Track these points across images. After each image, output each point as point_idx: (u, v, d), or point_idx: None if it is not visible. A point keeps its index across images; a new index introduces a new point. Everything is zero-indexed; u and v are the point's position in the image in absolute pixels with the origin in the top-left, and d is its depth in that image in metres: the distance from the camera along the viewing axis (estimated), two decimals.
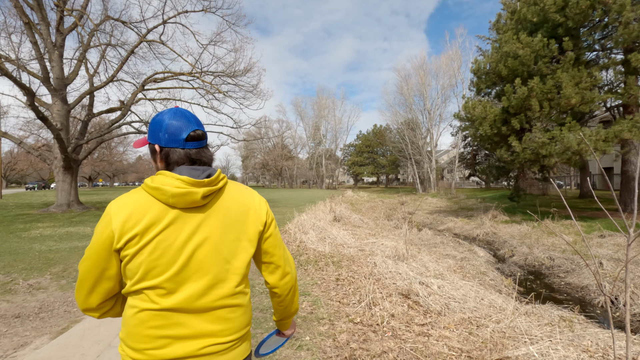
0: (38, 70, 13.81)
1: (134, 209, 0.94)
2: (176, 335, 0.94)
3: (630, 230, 1.82)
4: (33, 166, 51.60)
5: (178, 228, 0.95)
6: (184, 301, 0.95)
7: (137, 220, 0.93)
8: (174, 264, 0.94)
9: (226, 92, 17.39)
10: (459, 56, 37.09)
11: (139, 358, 0.93)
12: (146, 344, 0.93)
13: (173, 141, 1.01)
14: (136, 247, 0.92)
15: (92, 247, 0.95)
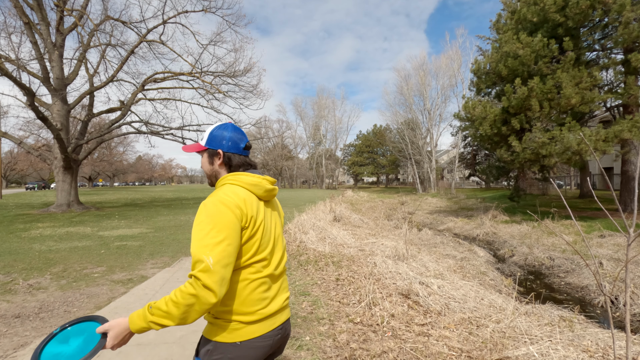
0: (38, 70, 13.81)
1: (245, 198, 1.18)
2: (271, 296, 1.24)
3: (630, 230, 1.82)
4: (33, 166, 51.61)
5: (268, 214, 1.29)
6: (273, 269, 1.25)
7: (251, 206, 1.18)
8: (270, 241, 1.26)
9: (226, 92, 17.40)
10: (459, 56, 37.11)
11: (252, 319, 1.17)
12: (257, 306, 1.18)
13: (234, 148, 1.30)
14: (254, 227, 1.17)
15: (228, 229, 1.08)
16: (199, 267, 1.02)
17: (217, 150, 1.29)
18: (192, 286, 1.02)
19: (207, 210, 1.10)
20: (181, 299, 1.01)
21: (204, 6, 15.81)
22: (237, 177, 1.23)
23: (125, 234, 9.19)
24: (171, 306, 1.01)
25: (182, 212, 15.17)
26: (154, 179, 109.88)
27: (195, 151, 1.34)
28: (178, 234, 9.21)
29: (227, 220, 1.09)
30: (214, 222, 1.07)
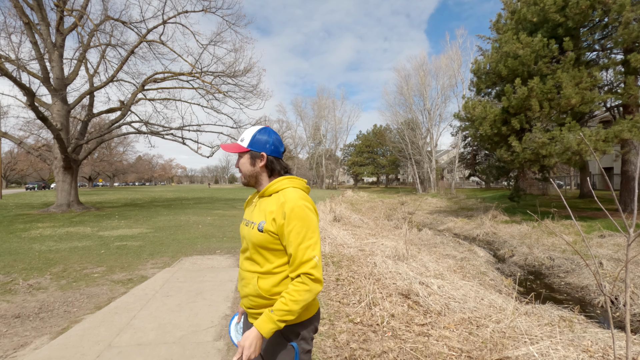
0: (38, 70, 13.81)
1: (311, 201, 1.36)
2: None
3: (630, 230, 1.82)
4: (33, 166, 51.61)
5: None
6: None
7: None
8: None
9: (226, 92, 17.40)
10: (459, 56, 37.11)
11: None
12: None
13: (276, 152, 1.41)
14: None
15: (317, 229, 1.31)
16: (310, 265, 1.22)
17: (261, 153, 1.38)
18: (305, 283, 1.22)
19: (297, 216, 1.25)
20: (299, 297, 1.20)
21: (204, 6, 15.82)
22: (294, 181, 1.39)
23: (125, 234, 9.18)
24: (292, 305, 1.20)
25: (182, 212, 15.17)
26: (154, 179, 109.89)
27: (236, 152, 1.40)
28: (178, 234, 9.21)
29: (315, 222, 1.30)
30: (307, 225, 1.26)
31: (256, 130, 1.40)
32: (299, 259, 1.23)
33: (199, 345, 2.98)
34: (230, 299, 4.15)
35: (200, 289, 4.52)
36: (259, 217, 1.35)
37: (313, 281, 1.22)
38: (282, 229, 1.26)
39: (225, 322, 3.49)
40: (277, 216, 1.27)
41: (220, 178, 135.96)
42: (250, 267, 1.36)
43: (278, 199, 1.31)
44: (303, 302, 1.21)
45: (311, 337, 1.37)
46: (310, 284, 1.22)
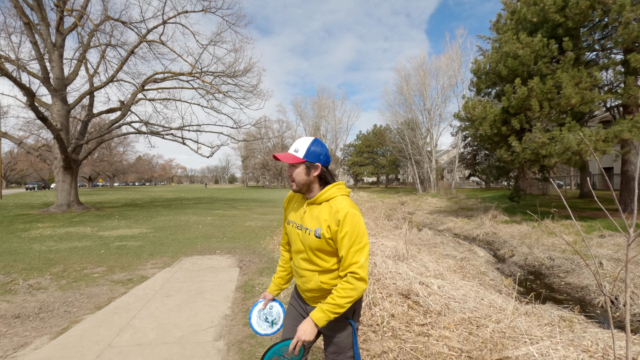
0: (38, 70, 13.81)
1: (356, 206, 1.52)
2: None
3: (630, 230, 1.82)
4: (33, 166, 51.61)
5: None
6: None
7: None
8: None
9: (226, 92, 17.39)
10: (459, 56, 37.09)
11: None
12: None
13: (327, 163, 1.55)
14: None
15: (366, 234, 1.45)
16: (357, 266, 1.41)
17: (316, 164, 1.53)
18: (350, 282, 1.42)
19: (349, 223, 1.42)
20: (345, 294, 1.41)
21: (204, 6, 15.81)
22: (342, 189, 1.56)
23: (125, 234, 9.18)
24: (339, 300, 1.41)
25: (182, 212, 15.18)
26: (154, 179, 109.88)
27: (292, 162, 1.52)
28: (178, 234, 9.21)
29: (362, 227, 1.45)
30: (357, 232, 1.42)
31: (310, 141, 1.53)
32: (349, 261, 1.42)
33: (199, 345, 2.98)
34: (230, 299, 4.15)
35: (200, 289, 4.52)
36: (312, 223, 1.52)
37: (358, 280, 1.41)
38: (336, 235, 1.44)
39: (226, 322, 3.49)
40: (331, 224, 1.45)
41: (220, 178, 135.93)
42: (309, 266, 1.56)
43: (330, 207, 1.48)
44: (349, 298, 1.41)
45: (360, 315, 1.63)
46: (355, 283, 1.41)
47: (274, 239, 8.51)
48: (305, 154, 1.51)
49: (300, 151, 1.52)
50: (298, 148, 1.53)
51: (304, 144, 1.52)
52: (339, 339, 1.55)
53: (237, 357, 2.80)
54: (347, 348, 1.55)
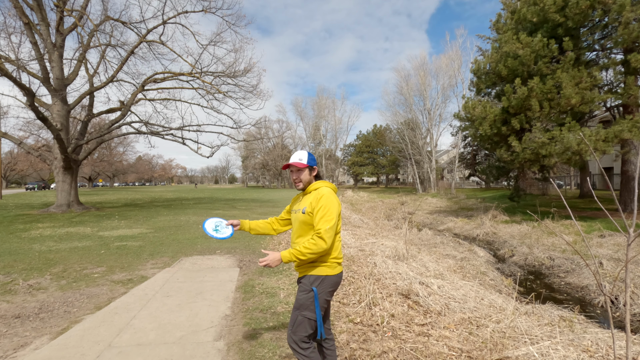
0: (38, 70, 13.80)
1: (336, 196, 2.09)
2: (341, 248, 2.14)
3: (630, 230, 1.82)
4: (33, 166, 51.60)
5: None
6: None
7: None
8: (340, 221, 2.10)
9: (226, 93, 17.38)
10: (459, 56, 37.07)
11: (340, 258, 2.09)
12: (340, 254, 2.11)
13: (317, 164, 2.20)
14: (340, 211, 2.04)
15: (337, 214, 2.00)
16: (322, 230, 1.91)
17: (314, 167, 2.18)
18: (313, 239, 1.94)
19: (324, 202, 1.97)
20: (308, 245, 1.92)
21: (204, 6, 15.80)
22: (328, 184, 2.14)
23: (125, 234, 9.18)
24: (302, 249, 1.92)
25: (182, 212, 15.17)
26: (154, 179, 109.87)
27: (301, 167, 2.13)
28: (178, 234, 9.21)
29: (334, 208, 1.99)
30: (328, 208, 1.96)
31: (307, 152, 2.16)
32: (317, 226, 1.95)
33: (199, 346, 2.98)
34: (231, 299, 4.15)
35: (200, 289, 4.52)
36: (302, 205, 2.10)
37: (319, 238, 1.92)
38: (314, 209, 2.00)
39: (226, 322, 3.49)
40: (313, 202, 2.02)
41: (220, 178, 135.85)
42: (297, 239, 2.12)
43: (317, 193, 2.05)
44: (309, 250, 1.91)
45: (329, 291, 2.04)
46: (317, 240, 1.92)
47: (273, 239, 8.51)
48: (307, 160, 2.14)
49: (304, 159, 2.13)
50: (302, 157, 2.14)
51: (304, 155, 2.15)
52: (300, 298, 2.03)
53: (237, 357, 2.80)
54: (304, 307, 2.01)
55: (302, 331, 2.00)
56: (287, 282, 4.85)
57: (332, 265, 2.03)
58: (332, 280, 2.03)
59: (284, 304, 3.99)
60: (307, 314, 1.99)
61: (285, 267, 5.69)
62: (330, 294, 2.06)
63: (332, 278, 2.03)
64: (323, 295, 2.01)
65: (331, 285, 2.03)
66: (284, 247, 7.40)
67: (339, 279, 2.08)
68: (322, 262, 2.02)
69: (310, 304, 1.99)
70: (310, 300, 1.99)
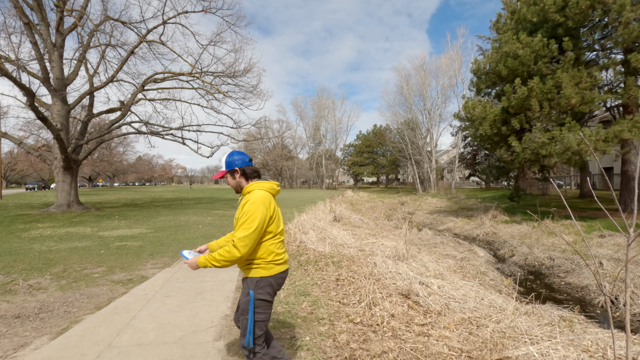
0: (38, 70, 13.80)
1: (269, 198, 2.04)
2: (284, 250, 2.14)
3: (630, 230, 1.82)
4: (33, 166, 51.58)
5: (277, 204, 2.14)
6: (283, 236, 2.15)
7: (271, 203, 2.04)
8: (281, 221, 2.14)
9: (226, 93, 17.38)
10: (459, 56, 37.10)
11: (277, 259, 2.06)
12: (280, 255, 2.08)
13: (244, 163, 2.11)
14: (274, 214, 2.03)
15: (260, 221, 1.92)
16: (237, 238, 1.88)
17: (235, 169, 2.10)
18: (228, 247, 1.91)
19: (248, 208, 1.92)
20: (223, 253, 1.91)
21: (204, 7, 15.80)
22: (262, 185, 2.06)
23: (125, 234, 9.18)
24: (217, 256, 1.91)
25: (182, 212, 15.17)
26: (154, 179, 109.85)
27: (220, 177, 2.14)
28: (178, 234, 9.20)
29: (258, 215, 1.92)
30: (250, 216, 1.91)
31: (225, 156, 2.12)
32: (236, 233, 1.96)
33: (199, 346, 2.98)
34: (230, 299, 4.15)
35: (200, 289, 4.52)
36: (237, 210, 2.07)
37: (233, 247, 1.89)
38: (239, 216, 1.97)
39: (226, 322, 3.49)
40: (241, 208, 2.00)
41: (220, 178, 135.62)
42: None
43: (246, 199, 2.00)
44: (222, 257, 1.90)
45: (267, 291, 2.03)
46: (231, 249, 1.89)
47: None
48: (225, 166, 2.12)
49: (222, 166, 2.13)
50: (222, 164, 2.15)
51: (222, 160, 2.15)
52: (242, 302, 2.09)
53: (237, 357, 2.80)
54: (245, 311, 2.03)
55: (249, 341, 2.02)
56: (287, 282, 4.85)
57: (268, 267, 2.02)
58: (269, 281, 2.03)
59: (284, 304, 3.99)
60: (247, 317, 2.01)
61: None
62: (270, 295, 2.04)
63: (267, 279, 2.03)
64: (261, 296, 2.00)
65: (268, 285, 2.03)
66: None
67: (278, 279, 2.07)
68: (257, 265, 2.02)
69: (247, 307, 2.01)
70: (247, 304, 2.01)
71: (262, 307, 2.01)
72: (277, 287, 2.08)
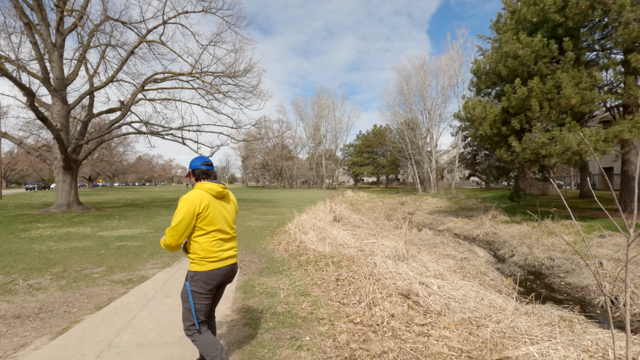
0: (38, 70, 13.80)
1: (202, 197, 2.24)
2: (223, 249, 2.33)
3: (630, 230, 1.82)
4: (33, 166, 51.59)
5: (218, 205, 2.33)
6: (223, 234, 2.33)
7: (203, 201, 2.23)
8: (220, 220, 2.31)
9: (226, 93, 17.38)
10: (459, 56, 37.08)
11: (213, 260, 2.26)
12: (214, 253, 2.27)
13: (195, 166, 2.41)
14: (206, 212, 2.22)
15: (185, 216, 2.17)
16: (168, 228, 2.19)
17: (190, 170, 2.44)
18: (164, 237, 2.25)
19: (180, 204, 2.21)
20: (162, 240, 2.26)
21: (204, 7, 15.80)
22: (202, 185, 2.34)
23: (125, 234, 9.18)
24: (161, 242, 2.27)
25: None
26: (154, 179, 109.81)
27: (187, 175, 2.47)
28: None
29: (184, 211, 2.18)
30: (178, 212, 2.19)
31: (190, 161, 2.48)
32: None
33: None
34: (231, 299, 4.15)
35: None
36: None
37: (165, 238, 2.23)
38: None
39: (226, 322, 3.49)
40: None
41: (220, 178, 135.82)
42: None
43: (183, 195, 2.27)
44: (162, 243, 2.25)
45: (200, 285, 2.25)
46: (164, 236, 2.24)
47: (273, 239, 8.52)
48: (189, 168, 2.45)
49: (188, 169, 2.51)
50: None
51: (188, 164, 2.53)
52: (182, 291, 2.33)
53: (237, 357, 2.80)
54: (184, 300, 2.28)
55: (186, 320, 2.27)
56: (287, 282, 4.85)
57: (201, 263, 2.23)
58: (201, 276, 2.23)
59: (284, 304, 3.99)
60: (186, 305, 2.26)
61: (285, 268, 5.69)
62: (203, 288, 2.24)
63: (200, 274, 2.23)
64: (195, 289, 2.24)
65: (202, 280, 2.23)
66: (283, 247, 7.40)
67: (212, 275, 2.25)
68: (192, 260, 2.26)
69: (185, 296, 2.25)
70: (185, 293, 2.26)
71: (196, 298, 2.24)
72: (212, 282, 2.26)
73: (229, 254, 2.35)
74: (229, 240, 2.38)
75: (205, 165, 2.38)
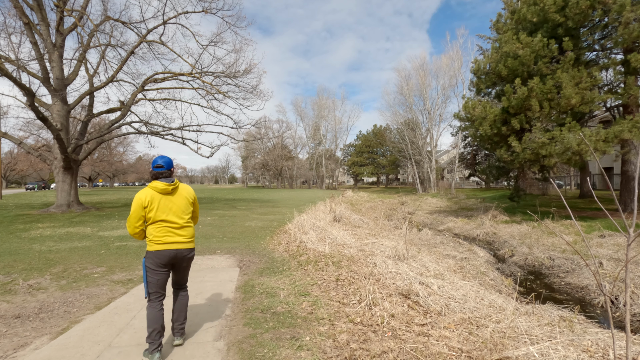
0: (38, 70, 13.80)
1: (147, 193, 2.76)
2: (168, 235, 2.80)
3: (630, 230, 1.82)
4: (33, 166, 51.61)
5: (164, 200, 2.81)
6: (170, 224, 2.81)
7: (148, 197, 2.75)
8: (166, 211, 2.80)
9: (226, 93, 17.37)
10: (459, 56, 37.08)
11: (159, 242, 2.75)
12: (160, 238, 2.77)
13: (153, 167, 2.84)
14: (151, 206, 2.75)
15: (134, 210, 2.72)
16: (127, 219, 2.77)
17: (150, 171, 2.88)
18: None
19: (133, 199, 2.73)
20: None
21: (204, 7, 15.79)
22: (151, 184, 2.80)
23: (125, 234, 9.18)
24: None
25: None
26: None
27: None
28: None
29: (134, 206, 2.71)
30: (132, 205, 2.73)
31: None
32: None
33: (199, 346, 2.98)
34: (231, 299, 4.15)
35: (200, 289, 4.52)
36: None
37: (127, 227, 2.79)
38: None
39: (226, 322, 3.49)
40: None
41: (220, 178, 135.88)
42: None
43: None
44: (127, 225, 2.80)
45: (150, 262, 2.74)
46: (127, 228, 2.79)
47: (273, 239, 8.52)
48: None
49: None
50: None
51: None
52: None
53: (237, 357, 2.80)
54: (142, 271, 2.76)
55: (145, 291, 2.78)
56: (287, 282, 4.85)
57: (150, 245, 2.74)
58: (150, 255, 2.74)
59: (284, 304, 3.99)
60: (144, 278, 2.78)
61: (285, 268, 5.69)
62: (152, 264, 2.73)
63: (149, 253, 2.74)
64: (147, 264, 2.74)
65: (150, 258, 2.73)
66: (283, 247, 7.40)
67: (158, 255, 2.73)
68: (147, 242, 2.77)
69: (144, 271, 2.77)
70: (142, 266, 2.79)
71: (148, 271, 2.74)
72: (158, 260, 2.73)
73: (175, 239, 2.78)
74: (178, 229, 2.81)
75: (157, 167, 2.80)
